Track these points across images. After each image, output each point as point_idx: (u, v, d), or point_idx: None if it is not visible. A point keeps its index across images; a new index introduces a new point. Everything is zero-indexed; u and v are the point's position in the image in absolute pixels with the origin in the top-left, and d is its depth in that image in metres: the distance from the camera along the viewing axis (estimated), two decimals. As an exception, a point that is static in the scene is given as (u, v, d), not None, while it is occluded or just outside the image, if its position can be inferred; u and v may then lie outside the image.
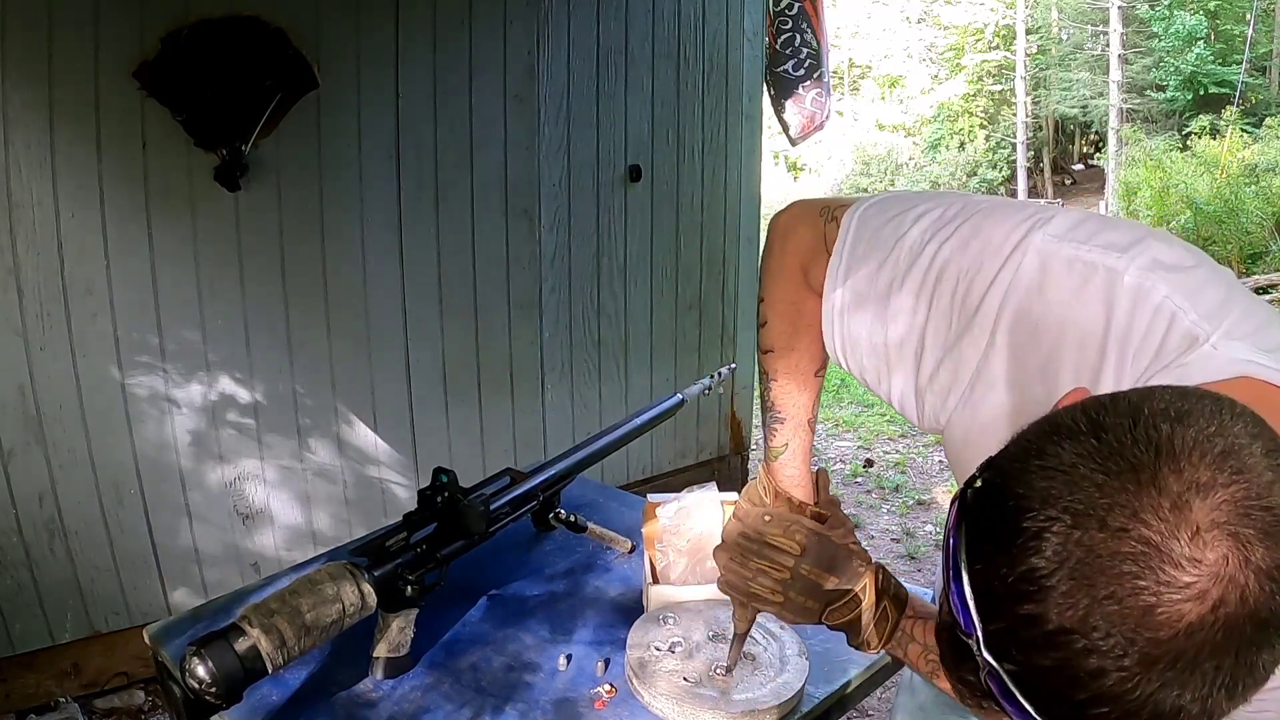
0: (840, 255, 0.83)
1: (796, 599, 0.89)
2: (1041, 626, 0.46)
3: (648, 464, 3.44)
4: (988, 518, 0.50)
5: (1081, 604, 0.45)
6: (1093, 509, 0.45)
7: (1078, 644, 0.45)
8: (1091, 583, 0.45)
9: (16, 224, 2.10)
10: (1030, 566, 0.46)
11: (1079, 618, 0.45)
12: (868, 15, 20.34)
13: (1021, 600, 0.47)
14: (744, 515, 0.94)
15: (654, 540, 1.33)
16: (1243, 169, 10.52)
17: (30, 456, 2.20)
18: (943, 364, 0.76)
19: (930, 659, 0.88)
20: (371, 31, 2.52)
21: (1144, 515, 0.45)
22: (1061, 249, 0.69)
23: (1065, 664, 0.46)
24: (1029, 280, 0.70)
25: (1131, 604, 0.44)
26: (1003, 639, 0.48)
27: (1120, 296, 0.66)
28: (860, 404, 5.52)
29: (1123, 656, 0.44)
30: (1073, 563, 0.45)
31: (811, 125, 3.46)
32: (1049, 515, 0.46)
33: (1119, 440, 0.47)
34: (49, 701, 2.33)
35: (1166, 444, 0.46)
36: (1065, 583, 0.45)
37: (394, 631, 1.13)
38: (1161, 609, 0.44)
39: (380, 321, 2.68)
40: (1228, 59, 15.68)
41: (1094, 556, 0.45)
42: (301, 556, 2.51)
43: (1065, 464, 0.48)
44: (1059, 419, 0.51)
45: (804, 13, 3.32)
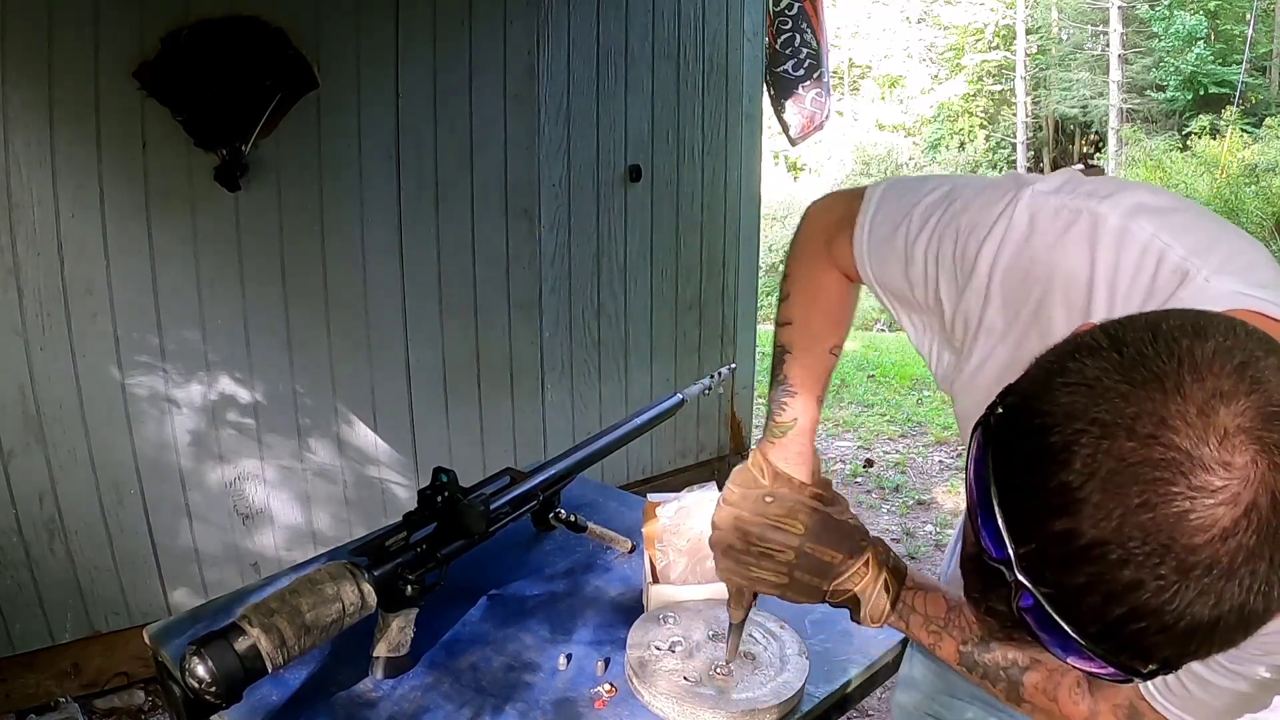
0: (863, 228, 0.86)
1: (803, 578, 0.89)
2: (1075, 541, 0.46)
3: (648, 464, 3.44)
4: (1014, 440, 0.50)
5: (1115, 514, 0.44)
6: (1120, 418, 0.45)
7: (1113, 555, 0.45)
8: (1123, 492, 0.44)
9: (16, 224, 2.10)
10: (1061, 481, 0.46)
11: (1113, 528, 0.44)
12: (868, 15, 20.34)
13: (1054, 516, 0.46)
14: (740, 500, 0.92)
15: (654, 540, 1.33)
16: (1243, 169, 10.53)
17: (30, 456, 2.20)
18: (955, 318, 0.78)
19: (932, 629, 0.89)
20: (371, 31, 2.52)
21: (1172, 422, 0.44)
22: (1049, 200, 0.71)
23: (1100, 578, 0.45)
24: (1018, 232, 0.72)
25: (1165, 511, 0.44)
26: (1036, 560, 0.48)
27: (1104, 236, 0.67)
28: (860, 404, 5.52)
29: (1159, 565, 0.44)
30: (1103, 473, 0.45)
31: (811, 125, 3.46)
32: (1076, 429, 0.46)
33: (1140, 352, 0.47)
34: (49, 701, 2.33)
35: (1188, 354, 0.46)
36: (1097, 494, 0.45)
37: (394, 631, 1.13)
38: (1195, 514, 0.44)
39: (380, 321, 2.68)
40: (1228, 59, 15.69)
41: (1124, 465, 0.45)
42: (301, 556, 2.51)
43: (1089, 378, 0.48)
44: (1078, 338, 0.52)
45: (804, 13, 3.32)
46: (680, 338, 3.45)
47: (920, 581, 0.92)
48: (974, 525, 0.53)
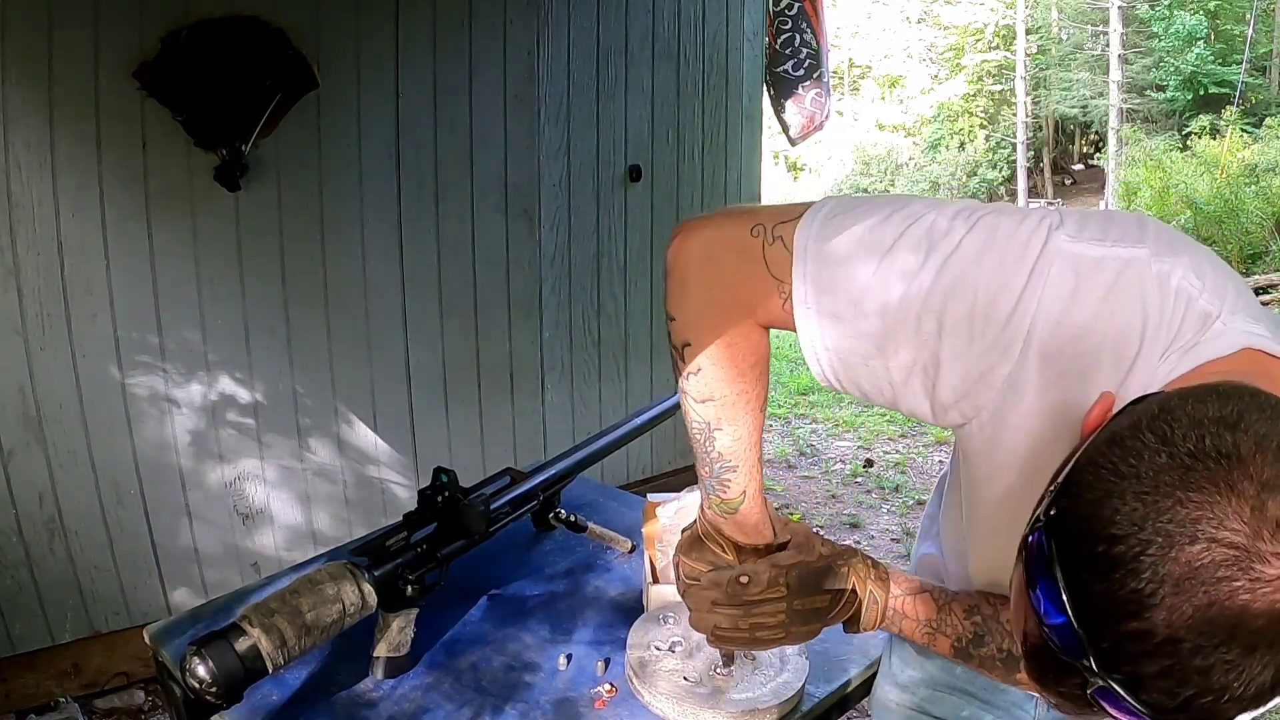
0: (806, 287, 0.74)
1: (799, 630, 0.90)
2: (1150, 640, 0.50)
3: (648, 464, 3.44)
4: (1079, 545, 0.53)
5: (1185, 613, 0.49)
6: (1183, 527, 0.49)
7: (1185, 648, 0.49)
8: (1192, 594, 0.49)
9: (16, 224, 2.10)
10: (1133, 589, 0.50)
11: (1184, 625, 0.49)
12: (868, 15, 20.34)
13: (1128, 619, 0.50)
14: (711, 585, 0.88)
15: (654, 540, 1.33)
16: (1243, 169, 10.52)
17: (30, 456, 2.20)
18: (965, 378, 0.73)
19: (925, 631, 0.91)
20: (371, 31, 2.52)
21: (1229, 524, 0.49)
22: (1087, 250, 0.69)
23: (1173, 667, 0.50)
24: (1061, 288, 0.68)
25: (1230, 604, 0.48)
26: (1111, 655, 0.52)
27: (1150, 284, 0.68)
28: (860, 404, 5.52)
29: (1226, 651, 0.49)
30: (1173, 580, 0.49)
31: (811, 125, 3.46)
32: (1141, 538, 0.50)
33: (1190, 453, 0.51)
34: (49, 701, 2.33)
35: (1234, 451, 0.50)
36: (1168, 598, 0.49)
37: (394, 631, 1.13)
38: (1256, 604, 0.48)
39: (380, 321, 2.68)
40: (1228, 59, 15.68)
41: (1191, 570, 0.49)
42: (301, 556, 2.51)
43: (1145, 486, 0.51)
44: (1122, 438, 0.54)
45: (804, 13, 3.31)
46: (680, 338, 3.45)
47: (909, 585, 0.94)
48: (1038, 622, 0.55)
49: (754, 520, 0.88)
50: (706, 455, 0.86)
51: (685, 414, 0.87)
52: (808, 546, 0.91)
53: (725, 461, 0.86)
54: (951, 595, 0.92)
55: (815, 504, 4.02)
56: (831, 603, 0.89)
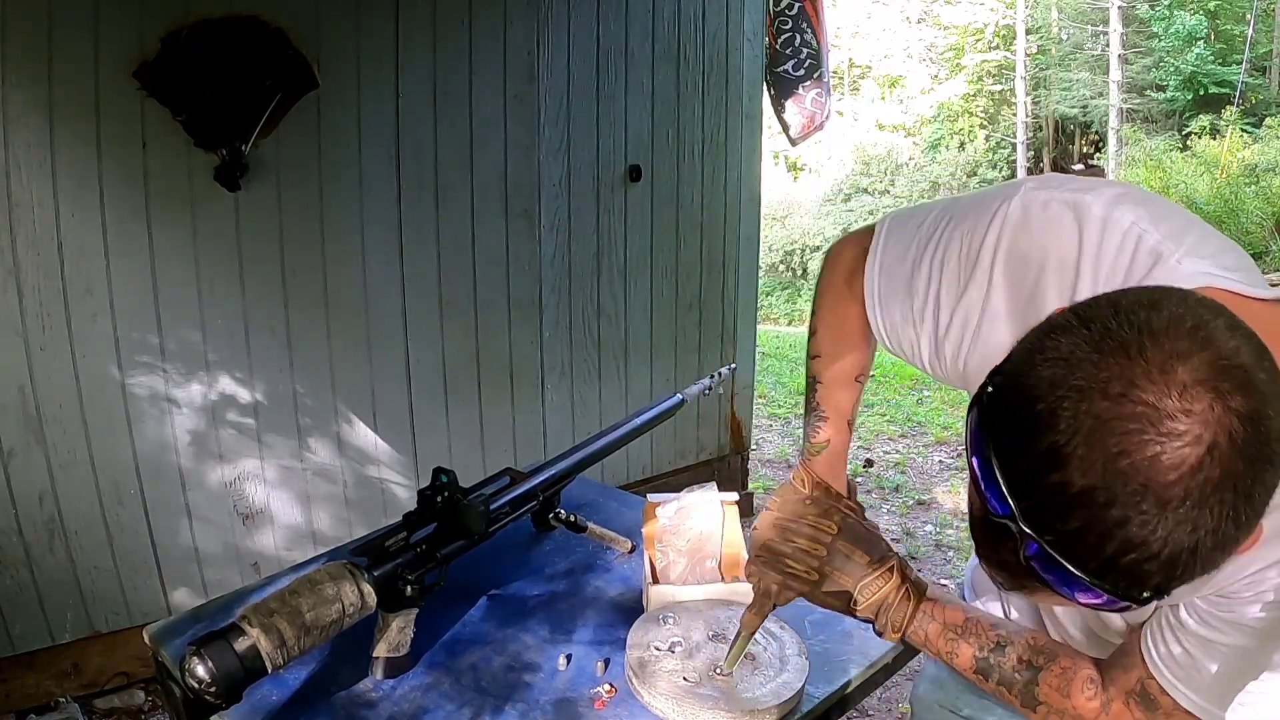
0: (875, 256, 0.94)
1: (832, 576, 0.95)
2: (1068, 491, 0.53)
3: (648, 464, 3.44)
4: (1005, 411, 0.57)
5: (1098, 464, 0.52)
6: (1094, 383, 0.53)
7: (1100, 498, 0.52)
8: (1103, 444, 0.52)
9: (16, 224, 2.10)
10: (1050, 442, 0.53)
11: (1098, 476, 0.52)
12: (868, 15, 20.34)
13: (1047, 472, 0.54)
14: (780, 505, 1.01)
15: (654, 540, 1.33)
16: (1243, 169, 10.53)
17: (30, 456, 2.20)
18: (955, 314, 0.84)
19: (949, 636, 0.93)
20: (371, 31, 2.52)
21: (1138, 382, 0.52)
22: (1038, 194, 0.79)
23: (1092, 520, 0.53)
24: (1015, 220, 0.79)
25: (1140, 456, 0.51)
26: (1036, 512, 0.55)
27: (1090, 223, 0.74)
28: (860, 404, 5.52)
29: (1140, 502, 0.51)
30: (1085, 431, 0.52)
31: (811, 125, 3.46)
32: (1058, 395, 0.54)
33: (1105, 327, 0.55)
34: (49, 701, 2.33)
35: (1145, 324, 0.54)
36: (1081, 448, 0.52)
37: (394, 631, 1.13)
38: (1166, 455, 0.51)
39: (380, 321, 2.68)
40: (1228, 59, 15.68)
41: (1102, 422, 0.52)
42: (301, 556, 2.51)
43: (1064, 353, 0.55)
44: (1051, 320, 0.59)
45: (804, 13, 3.31)
46: (680, 338, 3.45)
47: (941, 596, 0.97)
48: (978, 490, 0.60)
49: (829, 466, 1.03)
50: (808, 403, 1.05)
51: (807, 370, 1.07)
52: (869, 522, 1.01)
53: (819, 411, 1.04)
54: (979, 612, 0.96)
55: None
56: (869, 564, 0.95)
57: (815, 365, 1.05)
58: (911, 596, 0.94)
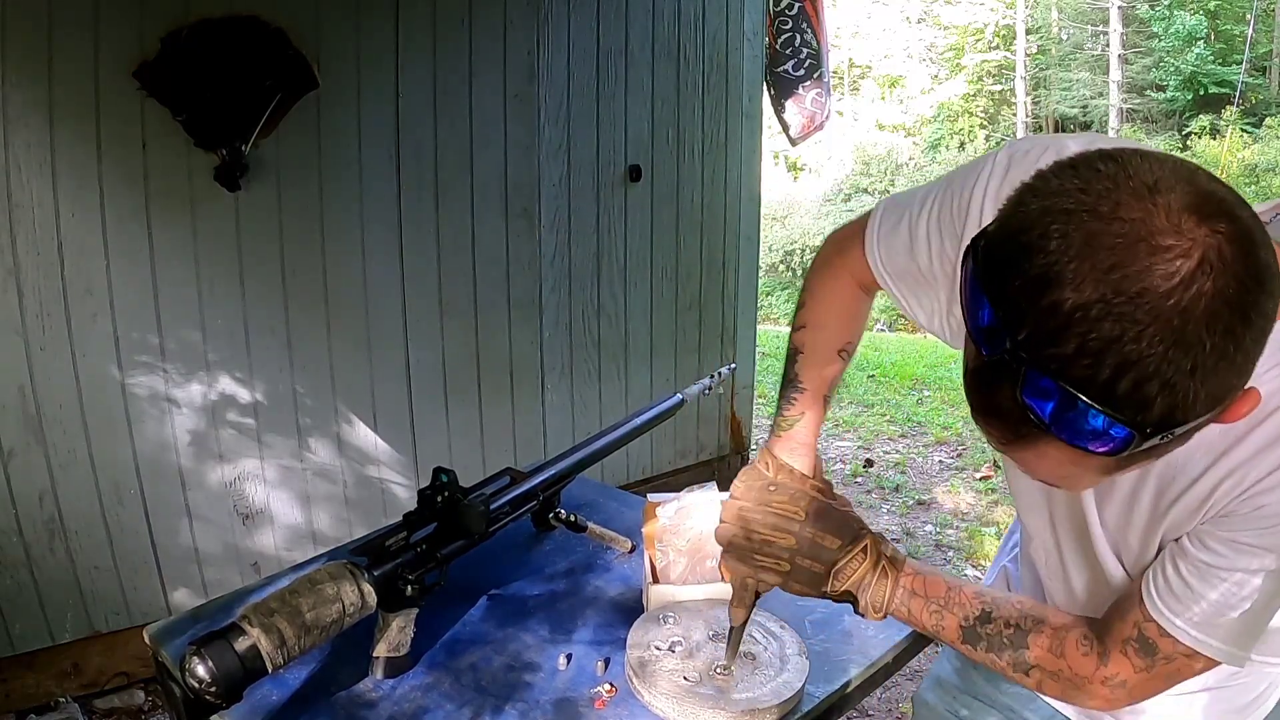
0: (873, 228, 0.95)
1: (803, 564, 0.92)
2: (1061, 309, 0.52)
3: (648, 464, 3.44)
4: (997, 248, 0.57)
5: (1090, 278, 0.51)
6: (1082, 206, 0.53)
7: (1094, 312, 0.51)
8: (1095, 258, 0.51)
9: (16, 224, 2.10)
10: (1041, 263, 0.53)
11: (1092, 289, 0.51)
12: (868, 15, 20.34)
13: (1040, 293, 0.53)
14: (744, 493, 0.97)
15: (654, 540, 1.33)
16: (1243, 169, 10.53)
17: (30, 456, 2.20)
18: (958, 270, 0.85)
19: (933, 609, 0.90)
20: (371, 31, 2.52)
21: (1126, 202, 0.52)
22: (1021, 143, 0.83)
23: (1088, 339, 0.52)
24: (1002, 165, 0.81)
25: (1133, 268, 0.51)
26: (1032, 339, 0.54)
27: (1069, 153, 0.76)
28: (860, 404, 5.52)
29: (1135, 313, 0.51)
30: (1075, 248, 0.52)
31: (811, 125, 3.46)
32: (1046, 222, 0.54)
33: (1090, 166, 0.55)
34: (49, 701, 2.33)
35: (1129, 160, 0.55)
36: (1072, 264, 0.52)
37: (394, 631, 1.13)
38: (1159, 267, 0.51)
39: (380, 321, 2.68)
40: (1228, 59, 15.69)
41: (1093, 238, 0.52)
42: (301, 556, 2.51)
43: (1051, 190, 0.56)
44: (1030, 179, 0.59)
45: (804, 13, 3.32)
46: (680, 338, 3.45)
47: (919, 568, 0.93)
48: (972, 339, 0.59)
49: (800, 441, 1.00)
50: (786, 375, 1.03)
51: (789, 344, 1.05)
52: (838, 499, 0.98)
53: (797, 382, 1.01)
54: (961, 580, 0.93)
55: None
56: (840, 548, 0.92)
57: (799, 336, 1.03)
58: (889, 573, 0.91)
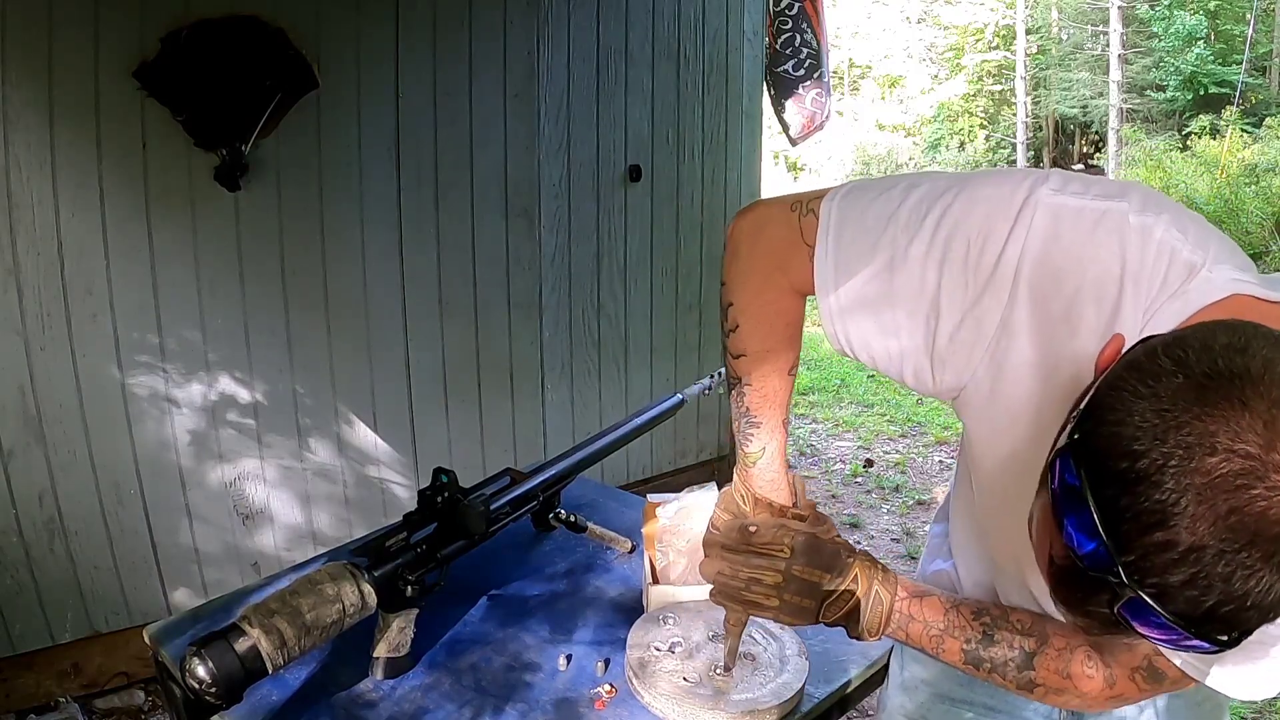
0: (826, 246, 0.83)
1: (792, 600, 0.89)
2: (1174, 549, 0.52)
3: (648, 464, 3.44)
4: (1106, 464, 0.55)
5: (1208, 520, 0.51)
6: (1201, 439, 0.52)
7: (1208, 555, 0.52)
8: (1213, 502, 0.51)
9: (16, 224, 2.10)
10: (1157, 500, 0.52)
11: (1207, 533, 0.51)
12: (868, 15, 20.34)
13: (1153, 529, 0.53)
14: (727, 526, 0.93)
15: (654, 540, 1.33)
16: (1243, 169, 10.51)
17: (30, 456, 2.20)
18: (963, 325, 0.78)
19: (933, 634, 0.88)
20: (371, 31, 2.52)
21: (1244, 435, 0.51)
22: (1068, 201, 0.74)
23: (1198, 576, 0.52)
24: (1044, 231, 0.73)
25: (1249, 511, 0.51)
26: (1138, 567, 0.54)
27: (1130, 234, 0.71)
28: (860, 404, 5.52)
29: (1247, 556, 0.51)
30: (1195, 490, 0.52)
31: (811, 125, 3.46)
32: (1163, 452, 0.53)
33: (1205, 373, 0.54)
34: (49, 701, 2.33)
35: (1243, 371, 0.53)
36: (1191, 506, 0.52)
37: (394, 631, 1.13)
38: (1274, 510, 0.51)
39: (380, 321, 2.68)
40: (1228, 59, 15.68)
41: (1210, 479, 0.51)
42: (301, 556, 2.51)
43: (1165, 404, 0.54)
44: (1140, 363, 0.57)
45: (804, 13, 3.32)
46: (680, 338, 3.45)
47: (915, 589, 0.91)
48: (1068, 541, 0.58)
49: (771, 478, 0.95)
50: (736, 408, 0.95)
51: (727, 371, 0.97)
52: (822, 526, 0.94)
53: (750, 416, 0.94)
54: (958, 599, 0.91)
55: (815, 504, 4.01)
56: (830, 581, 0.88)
57: (739, 366, 0.94)
58: (882, 598, 0.89)
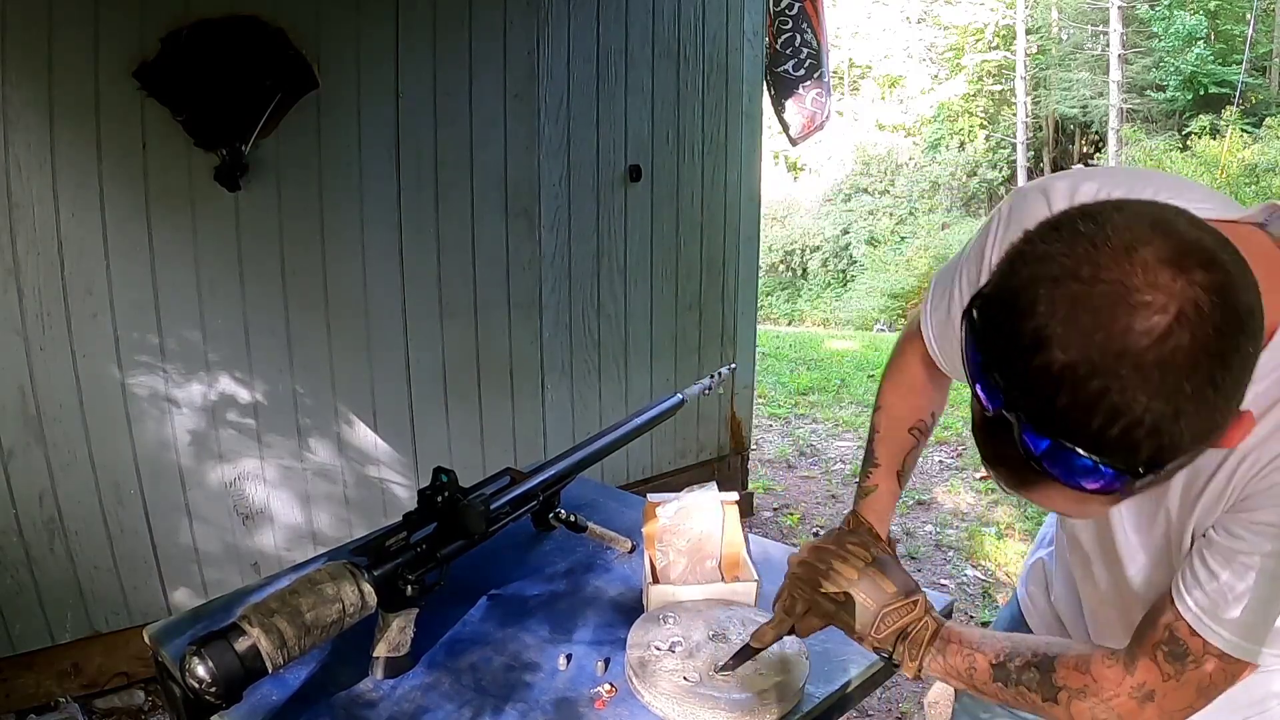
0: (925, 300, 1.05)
1: (858, 597, 0.97)
2: (1052, 369, 0.57)
3: (648, 464, 3.44)
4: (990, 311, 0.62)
5: (1076, 340, 0.56)
6: (1064, 272, 0.58)
7: (1081, 371, 0.56)
8: (1079, 323, 0.56)
9: (16, 224, 2.10)
10: (1031, 327, 0.58)
11: (1077, 351, 0.56)
12: (868, 15, 20.34)
13: (1032, 356, 0.58)
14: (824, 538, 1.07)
15: (654, 540, 1.33)
16: (1243, 169, 10.52)
17: (30, 456, 2.20)
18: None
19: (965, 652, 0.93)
20: (371, 31, 2.52)
21: (1105, 265, 0.57)
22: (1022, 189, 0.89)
23: (1077, 395, 0.57)
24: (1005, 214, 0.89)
25: (1113, 328, 0.55)
26: (1024, 396, 0.59)
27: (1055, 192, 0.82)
28: (860, 404, 5.52)
29: (1119, 369, 0.55)
30: (1062, 312, 0.57)
31: (812, 125, 3.46)
32: (1034, 288, 0.59)
33: (1073, 229, 0.60)
34: (49, 701, 2.33)
35: (1108, 220, 0.59)
36: (1059, 329, 0.57)
37: (394, 631, 1.13)
38: (1137, 324, 0.55)
39: (380, 321, 2.68)
40: (1228, 59, 15.68)
41: (1076, 301, 0.57)
42: (301, 556, 2.51)
43: (1037, 255, 0.60)
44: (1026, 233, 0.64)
45: (804, 13, 3.32)
46: (680, 338, 3.45)
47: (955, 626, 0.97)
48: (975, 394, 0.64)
49: (877, 510, 1.11)
50: (866, 450, 1.15)
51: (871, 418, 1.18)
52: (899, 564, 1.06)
53: (874, 458, 1.13)
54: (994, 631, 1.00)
55: (815, 504, 4.02)
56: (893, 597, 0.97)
57: (876, 416, 1.16)
58: (929, 628, 0.94)
